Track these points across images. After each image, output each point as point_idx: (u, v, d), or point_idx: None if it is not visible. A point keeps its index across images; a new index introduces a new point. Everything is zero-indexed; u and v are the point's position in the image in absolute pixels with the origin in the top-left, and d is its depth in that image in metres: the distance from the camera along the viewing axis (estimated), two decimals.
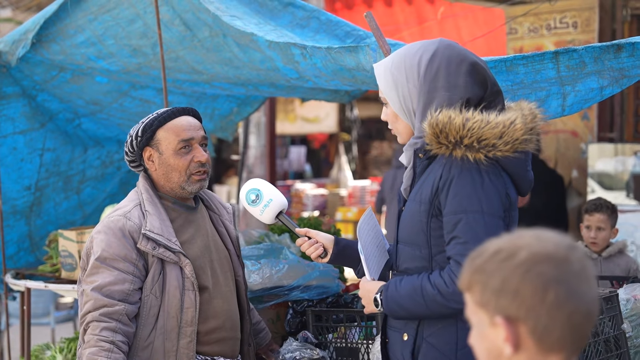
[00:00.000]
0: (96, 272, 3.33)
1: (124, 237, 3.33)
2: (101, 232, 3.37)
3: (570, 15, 7.80)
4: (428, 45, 2.90)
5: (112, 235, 3.34)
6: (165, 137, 3.43)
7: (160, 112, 3.48)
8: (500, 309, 1.68)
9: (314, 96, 5.97)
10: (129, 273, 3.32)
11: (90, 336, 3.26)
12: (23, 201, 5.85)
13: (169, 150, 3.43)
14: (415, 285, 2.83)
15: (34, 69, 5.29)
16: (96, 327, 3.25)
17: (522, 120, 2.76)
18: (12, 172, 5.70)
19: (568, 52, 3.49)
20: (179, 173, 3.43)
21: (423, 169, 2.90)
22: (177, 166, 3.42)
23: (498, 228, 2.77)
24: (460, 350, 2.84)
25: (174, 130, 3.44)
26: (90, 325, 3.27)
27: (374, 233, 3.12)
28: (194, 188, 3.46)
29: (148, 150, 3.46)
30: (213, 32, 4.44)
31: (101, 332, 3.24)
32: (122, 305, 3.28)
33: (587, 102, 3.76)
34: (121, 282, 3.30)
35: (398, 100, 2.93)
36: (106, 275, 3.30)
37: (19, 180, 5.76)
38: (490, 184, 2.77)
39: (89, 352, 3.23)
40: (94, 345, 3.23)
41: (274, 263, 4.13)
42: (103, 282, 3.29)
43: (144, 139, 3.44)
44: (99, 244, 3.35)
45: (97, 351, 3.22)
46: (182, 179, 3.43)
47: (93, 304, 3.28)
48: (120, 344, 3.26)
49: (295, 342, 3.94)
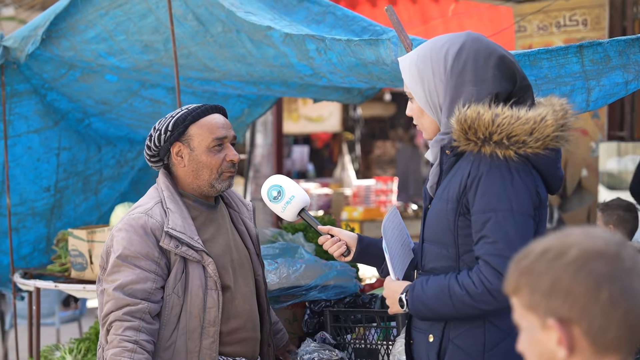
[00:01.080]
0: (117, 271, 3.26)
1: (145, 235, 3.26)
2: (122, 230, 3.30)
3: (580, 13, 7.75)
4: (455, 39, 2.82)
5: (133, 233, 3.27)
6: (199, 134, 3.37)
7: (191, 108, 3.41)
8: (551, 311, 1.61)
9: (326, 96, 5.90)
10: (151, 271, 3.25)
11: (113, 336, 3.19)
12: (42, 203, 5.77)
13: (201, 147, 3.36)
14: (443, 286, 2.75)
15: (43, 66, 5.22)
16: (119, 327, 3.19)
17: (553, 116, 2.69)
18: (29, 172, 5.62)
19: (592, 46, 3.42)
20: (210, 171, 3.37)
21: (450, 166, 2.83)
22: (209, 164, 3.36)
23: (528, 227, 2.70)
24: (487, 352, 2.78)
25: (208, 128, 3.37)
26: (113, 325, 3.20)
27: (398, 231, 3.05)
28: (223, 186, 3.40)
29: (177, 145, 3.39)
30: (226, 28, 4.38)
31: (124, 332, 3.17)
32: (145, 303, 3.22)
33: (612, 97, 3.70)
34: (143, 280, 3.23)
35: (424, 94, 2.85)
36: (128, 274, 3.23)
37: (37, 180, 5.68)
38: (520, 181, 2.70)
39: (112, 352, 3.17)
40: (116, 346, 3.17)
41: (291, 263, 4.06)
42: (125, 281, 3.23)
43: (175, 134, 3.37)
44: (119, 242, 3.28)
45: (119, 352, 3.15)
46: (213, 176, 3.37)
47: (115, 303, 3.22)
48: (144, 343, 3.19)
49: (313, 343, 3.87)
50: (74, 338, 5.36)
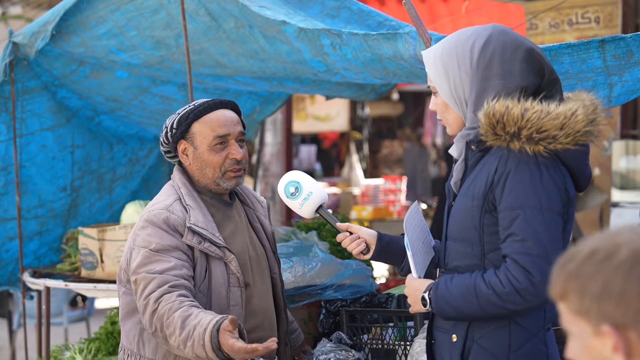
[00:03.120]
0: (151, 261, 3.14)
1: (169, 229, 3.18)
2: (146, 227, 3.21)
3: (593, 10, 7.67)
4: (481, 31, 2.75)
5: (158, 228, 3.18)
6: (201, 132, 3.29)
7: (197, 104, 3.34)
8: (604, 316, 1.53)
9: (339, 93, 5.83)
10: (184, 261, 3.15)
11: (169, 304, 3.02)
12: (61, 204, 5.71)
13: (203, 145, 3.29)
14: (468, 284, 2.68)
15: (53, 62, 5.16)
16: (170, 297, 3.03)
17: (584, 111, 2.62)
18: (45, 171, 5.56)
19: (615, 41, 3.36)
20: (212, 169, 3.29)
21: (475, 161, 2.75)
22: (211, 162, 3.28)
23: (557, 225, 2.64)
24: (513, 352, 2.71)
25: (210, 125, 3.29)
26: (163, 298, 3.05)
27: (419, 229, 2.98)
28: (228, 185, 3.32)
29: (183, 143, 3.32)
30: (239, 23, 4.32)
31: (179, 297, 3.03)
32: (187, 281, 3.10)
33: (634, 92, 3.64)
34: (179, 267, 3.12)
35: (449, 88, 2.78)
36: (163, 263, 3.12)
37: (53, 180, 5.62)
38: (550, 178, 2.63)
39: (179, 312, 2.98)
40: (179, 307, 3.00)
41: (306, 261, 3.99)
42: (161, 268, 3.11)
43: (179, 132, 3.30)
44: (146, 238, 3.18)
45: (187, 308, 2.99)
46: (216, 175, 3.29)
47: (157, 282, 3.08)
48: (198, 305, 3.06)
49: (329, 344, 3.80)
50: (83, 338, 5.30)
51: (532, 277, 2.57)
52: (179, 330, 2.99)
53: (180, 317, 2.99)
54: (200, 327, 2.93)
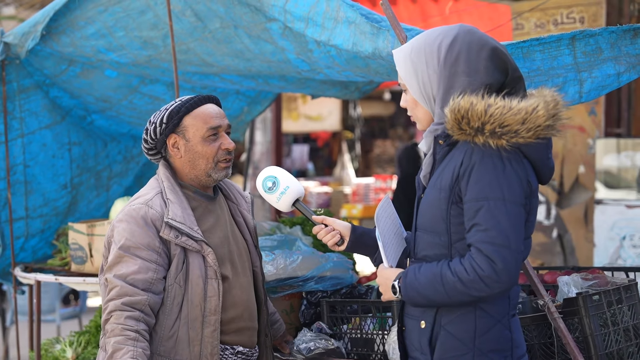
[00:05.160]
0: (119, 262, 3.30)
1: (146, 226, 3.31)
2: (123, 221, 3.34)
3: (577, 11, 7.77)
4: (448, 31, 2.87)
5: (134, 224, 3.31)
6: (193, 124, 3.42)
7: (185, 99, 3.46)
8: None
9: (324, 92, 5.92)
10: (152, 262, 3.29)
11: (114, 325, 3.22)
12: (62, 202, 5.79)
13: (196, 137, 3.41)
14: (435, 273, 2.80)
15: (44, 62, 5.25)
16: (120, 316, 3.22)
17: (545, 106, 2.74)
18: (47, 170, 5.64)
19: (585, 38, 3.47)
20: (206, 160, 3.42)
21: (443, 155, 2.88)
22: (204, 153, 3.41)
23: (519, 215, 2.76)
24: (478, 337, 2.83)
25: (202, 118, 3.42)
26: (113, 314, 3.24)
27: (391, 220, 3.10)
28: (220, 175, 3.45)
29: (173, 137, 3.44)
30: (224, 24, 4.42)
31: (125, 321, 3.21)
32: (145, 295, 3.26)
33: (604, 88, 3.74)
34: (144, 270, 3.27)
35: (418, 86, 2.90)
36: (130, 264, 3.28)
37: (55, 178, 5.70)
38: (512, 170, 2.75)
39: (115, 340, 3.19)
40: (119, 334, 3.20)
41: (288, 254, 4.10)
42: (127, 271, 3.27)
43: (170, 126, 3.42)
44: (121, 233, 3.32)
45: (123, 340, 3.18)
46: (209, 166, 3.42)
47: (116, 291, 3.25)
48: (144, 333, 3.23)
49: (309, 333, 3.92)
50: (74, 331, 5.39)
51: (495, 265, 2.70)
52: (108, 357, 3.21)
53: (112, 347, 3.20)
54: None
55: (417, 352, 2.94)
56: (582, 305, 3.60)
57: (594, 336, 3.58)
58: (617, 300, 3.70)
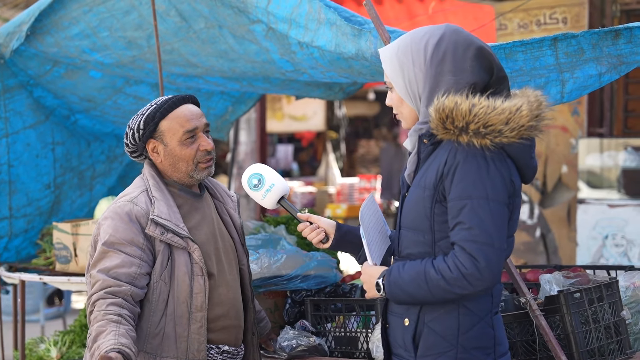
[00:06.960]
0: (103, 257, 3.31)
1: (130, 222, 3.32)
2: (108, 218, 3.35)
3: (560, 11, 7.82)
4: (435, 30, 2.90)
5: (118, 220, 3.32)
6: (170, 129, 3.41)
7: (160, 102, 3.44)
8: None
9: (308, 93, 5.94)
10: (136, 257, 3.30)
11: (97, 312, 3.20)
12: (46, 201, 5.79)
13: (174, 141, 3.41)
14: (419, 270, 2.82)
15: (28, 62, 5.25)
16: (102, 304, 3.21)
17: (528, 106, 2.77)
18: (31, 169, 5.64)
19: (567, 39, 3.50)
20: (186, 163, 3.42)
21: (427, 154, 2.90)
22: (184, 156, 3.41)
23: (502, 214, 2.78)
24: (461, 335, 2.85)
25: (178, 121, 3.41)
26: (97, 303, 3.22)
27: (375, 219, 3.12)
28: (202, 175, 3.46)
29: (152, 142, 3.43)
30: (209, 24, 4.43)
31: (107, 307, 3.19)
32: (128, 286, 3.25)
33: (586, 88, 3.77)
34: (128, 265, 3.28)
35: (404, 84, 2.92)
36: (113, 259, 3.28)
37: (38, 178, 5.70)
38: (496, 170, 2.78)
39: (98, 325, 3.16)
40: (101, 319, 3.17)
41: (272, 253, 4.12)
42: (110, 265, 3.27)
43: (147, 132, 3.42)
44: (105, 230, 3.33)
45: (105, 323, 3.15)
46: (189, 167, 3.42)
47: (99, 285, 3.25)
48: (128, 317, 3.20)
49: (292, 330, 3.94)
50: (58, 331, 5.39)
51: (478, 263, 2.72)
52: (92, 342, 3.18)
53: (95, 331, 3.17)
54: (98, 350, 3.10)
55: (400, 349, 2.96)
56: (563, 303, 3.63)
57: (575, 333, 3.62)
58: (598, 298, 3.73)
